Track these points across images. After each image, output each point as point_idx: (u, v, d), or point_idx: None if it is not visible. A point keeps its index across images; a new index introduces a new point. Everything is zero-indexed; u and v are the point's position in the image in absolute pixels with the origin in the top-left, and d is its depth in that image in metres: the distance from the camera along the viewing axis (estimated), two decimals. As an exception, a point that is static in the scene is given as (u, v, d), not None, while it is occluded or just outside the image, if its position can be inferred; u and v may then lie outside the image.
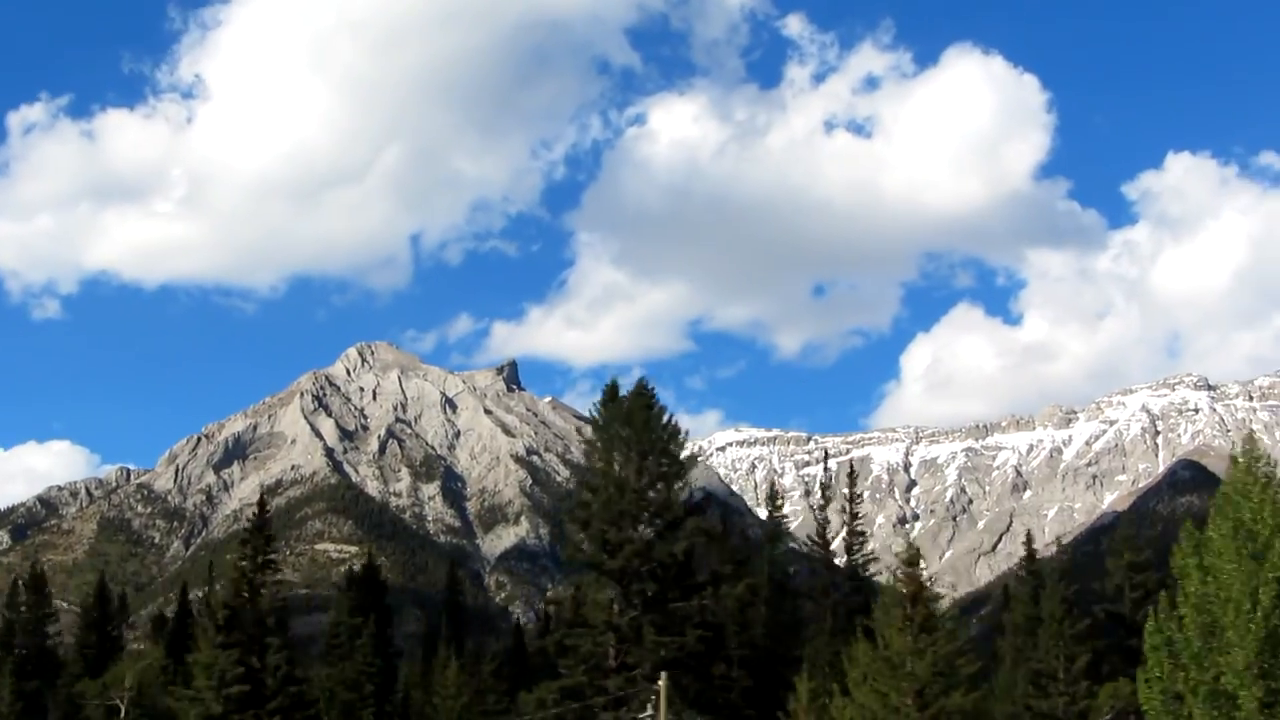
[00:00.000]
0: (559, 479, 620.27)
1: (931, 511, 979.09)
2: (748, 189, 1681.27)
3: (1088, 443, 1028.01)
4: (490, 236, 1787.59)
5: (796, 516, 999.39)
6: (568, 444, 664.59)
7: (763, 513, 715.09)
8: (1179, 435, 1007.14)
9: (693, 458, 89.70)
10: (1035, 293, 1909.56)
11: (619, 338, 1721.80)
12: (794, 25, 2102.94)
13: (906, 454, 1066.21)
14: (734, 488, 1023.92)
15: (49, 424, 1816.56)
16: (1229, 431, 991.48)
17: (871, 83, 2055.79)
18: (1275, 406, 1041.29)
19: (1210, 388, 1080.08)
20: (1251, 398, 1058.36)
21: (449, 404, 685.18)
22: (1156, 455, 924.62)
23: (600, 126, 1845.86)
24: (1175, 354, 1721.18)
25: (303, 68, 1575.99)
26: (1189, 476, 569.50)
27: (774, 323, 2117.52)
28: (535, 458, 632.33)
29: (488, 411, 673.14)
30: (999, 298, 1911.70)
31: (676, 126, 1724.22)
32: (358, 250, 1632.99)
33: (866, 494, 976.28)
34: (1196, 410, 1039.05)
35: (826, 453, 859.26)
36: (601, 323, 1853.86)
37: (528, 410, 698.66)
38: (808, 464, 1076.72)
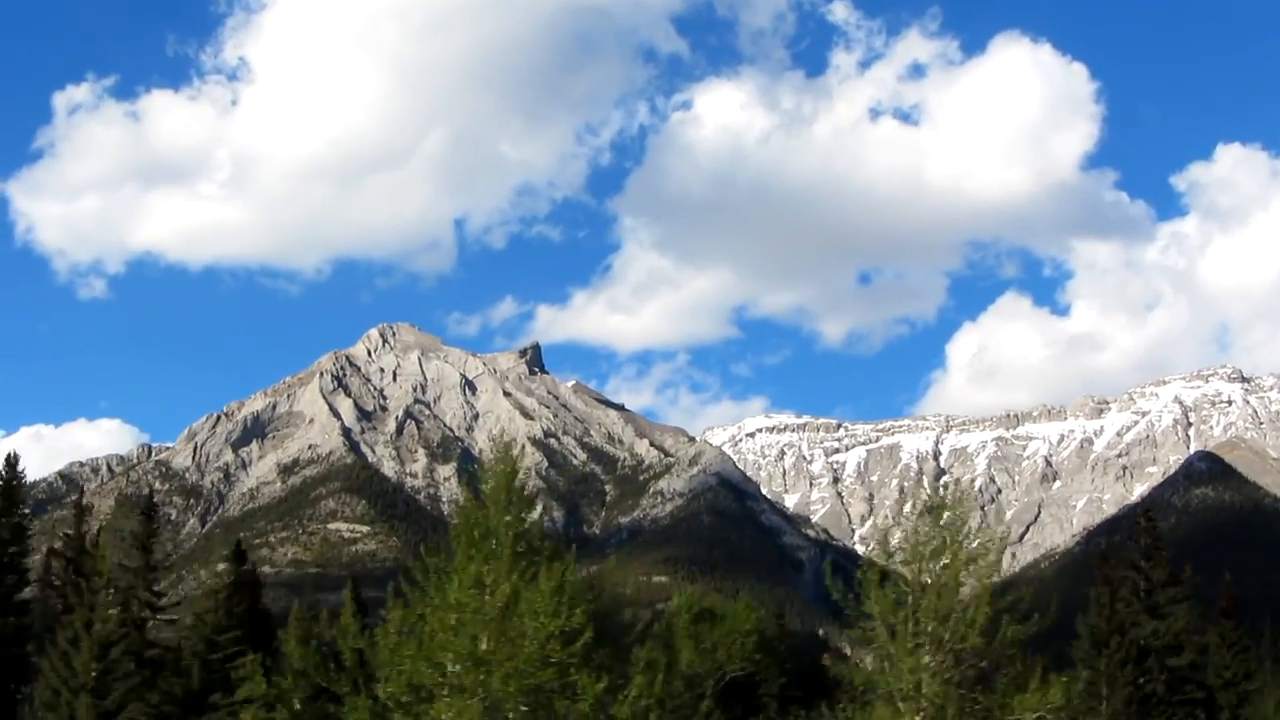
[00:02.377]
0: (576, 462, 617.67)
1: (959, 501, 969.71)
2: (792, 176, 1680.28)
3: (1119, 434, 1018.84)
4: (535, 221, 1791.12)
5: (824, 503, 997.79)
6: (587, 427, 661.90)
7: (789, 500, 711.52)
8: (1211, 427, 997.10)
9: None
10: (1083, 283, 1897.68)
11: (663, 323, 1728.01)
12: (840, 11, 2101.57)
13: (937, 442, 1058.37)
14: (763, 473, 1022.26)
15: (96, 402, 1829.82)
16: (1261, 424, 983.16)
17: (918, 70, 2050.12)
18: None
19: (1245, 380, 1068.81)
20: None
21: (469, 386, 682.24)
22: (1188, 447, 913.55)
23: (647, 112, 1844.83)
24: (1224, 346, 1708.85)
25: (347, 52, 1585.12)
26: (1205, 469, 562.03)
27: (819, 310, 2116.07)
28: (553, 440, 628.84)
29: (507, 394, 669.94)
30: (1046, 288, 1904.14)
31: (722, 113, 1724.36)
32: (402, 234, 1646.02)
33: (894, 482, 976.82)
34: (1230, 402, 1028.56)
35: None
36: (646, 308, 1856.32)
37: (549, 393, 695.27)
38: (837, 450, 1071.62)
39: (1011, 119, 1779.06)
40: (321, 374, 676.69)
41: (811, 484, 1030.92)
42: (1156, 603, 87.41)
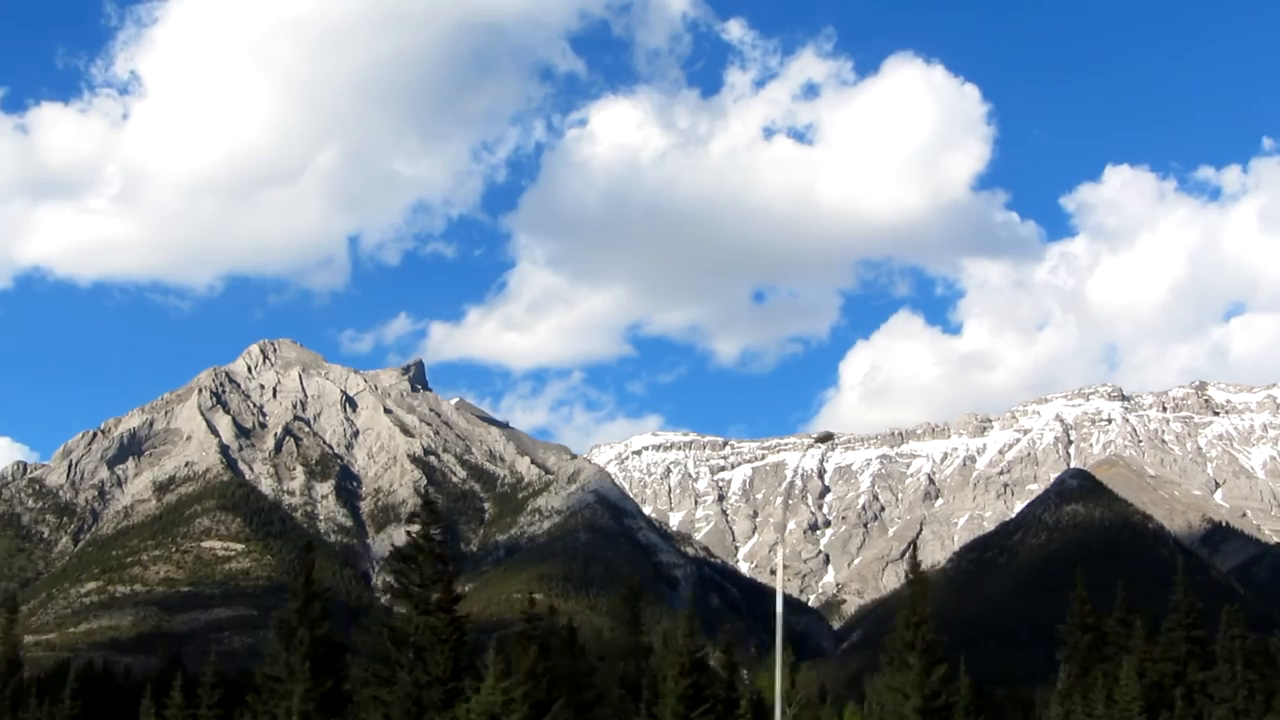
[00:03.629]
0: (455, 479, 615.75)
1: (843, 518, 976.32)
2: (687, 194, 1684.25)
3: (1001, 451, 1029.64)
4: (430, 239, 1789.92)
5: (709, 521, 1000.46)
6: (469, 445, 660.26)
7: (675, 518, 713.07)
8: (1091, 445, 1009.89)
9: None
10: (974, 302, 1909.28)
11: (557, 341, 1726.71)
12: (735, 31, 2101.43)
13: (822, 460, 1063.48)
14: (649, 491, 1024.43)
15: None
16: (1140, 443, 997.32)
17: (812, 90, 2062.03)
18: (1187, 418, 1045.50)
19: (1125, 399, 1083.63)
20: (1165, 409, 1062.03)
21: (349, 403, 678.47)
22: (1068, 464, 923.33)
23: (543, 130, 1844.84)
24: (1113, 365, 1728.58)
25: (240, 67, 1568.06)
26: (1076, 486, 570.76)
27: (713, 328, 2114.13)
28: (433, 458, 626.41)
29: (388, 411, 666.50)
30: (938, 307, 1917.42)
31: (618, 131, 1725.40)
32: (295, 250, 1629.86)
33: (779, 499, 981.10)
34: (1110, 421, 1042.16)
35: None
36: (540, 326, 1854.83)
37: (430, 411, 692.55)
38: (723, 468, 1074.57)
39: (904, 139, 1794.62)
40: (200, 390, 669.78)
41: (697, 502, 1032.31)
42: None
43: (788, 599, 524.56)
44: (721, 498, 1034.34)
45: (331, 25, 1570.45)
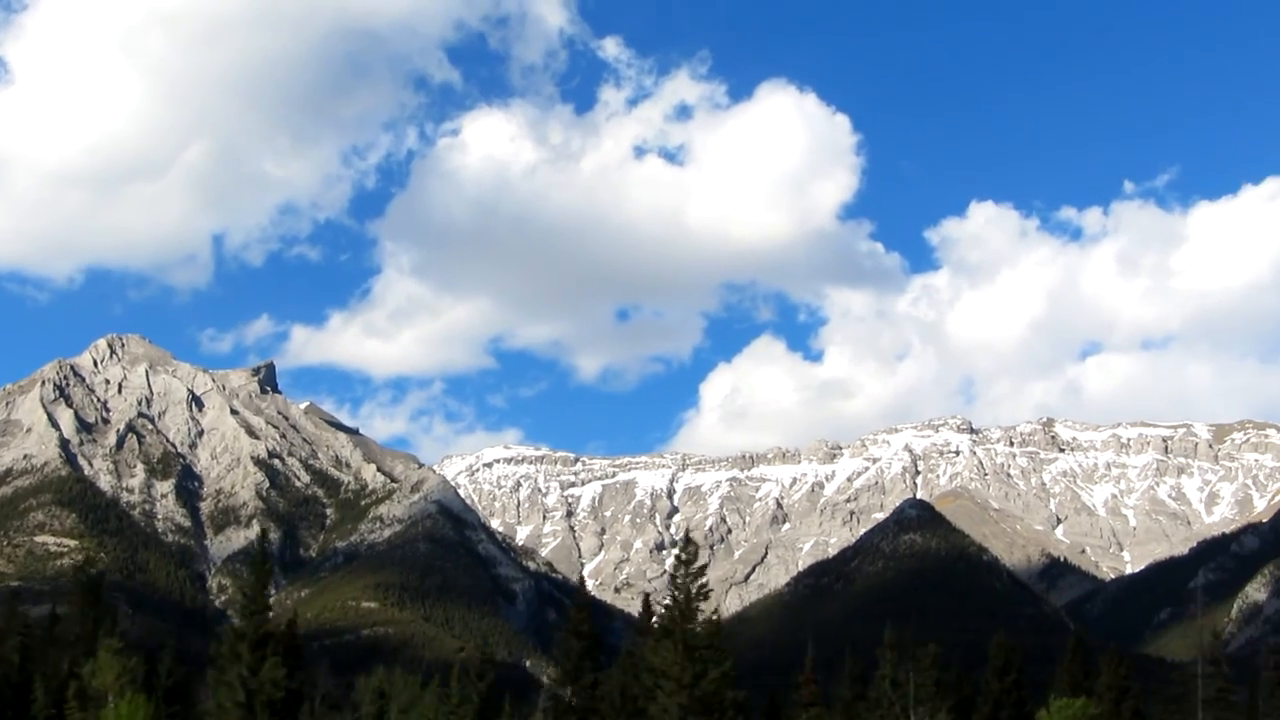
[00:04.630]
0: (299, 484, 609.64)
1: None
2: (556, 209, 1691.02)
3: (849, 479, 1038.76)
4: (296, 241, 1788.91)
5: (556, 536, 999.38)
6: (315, 449, 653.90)
7: (522, 532, 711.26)
8: (938, 476, 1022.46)
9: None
10: (836, 330, 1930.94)
11: (419, 350, 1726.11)
12: (611, 49, 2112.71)
13: (672, 480, 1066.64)
14: (498, 504, 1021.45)
15: None
16: (986, 476, 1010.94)
17: (685, 111, 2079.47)
18: (1033, 453, 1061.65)
19: (973, 431, 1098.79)
20: (1012, 443, 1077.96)
21: (195, 402, 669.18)
22: (915, 494, 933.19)
23: (415, 138, 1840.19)
24: (970, 399, 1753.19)
25: (110, 58, 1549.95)
26: (915, 516, 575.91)
27: (576, 345, 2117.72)
28: (277, 461, 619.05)
29: (234, 412, 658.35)
30: (800, 333, 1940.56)
31: (490, 143, 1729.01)
32: (158, 246, 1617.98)
33: (628, 518, 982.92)
34: (957, 453, 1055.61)
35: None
36: (403, 334, 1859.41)
37: (278, 413, 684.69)
38: (573, 484, 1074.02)
39: (774, 165, 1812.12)
40: (44, 383, 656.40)
41: (545, 517, 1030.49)
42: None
43: (626, 618, 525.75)
44: (570, 514, 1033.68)
45: (205, 21, 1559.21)
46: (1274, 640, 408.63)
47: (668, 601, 78.47)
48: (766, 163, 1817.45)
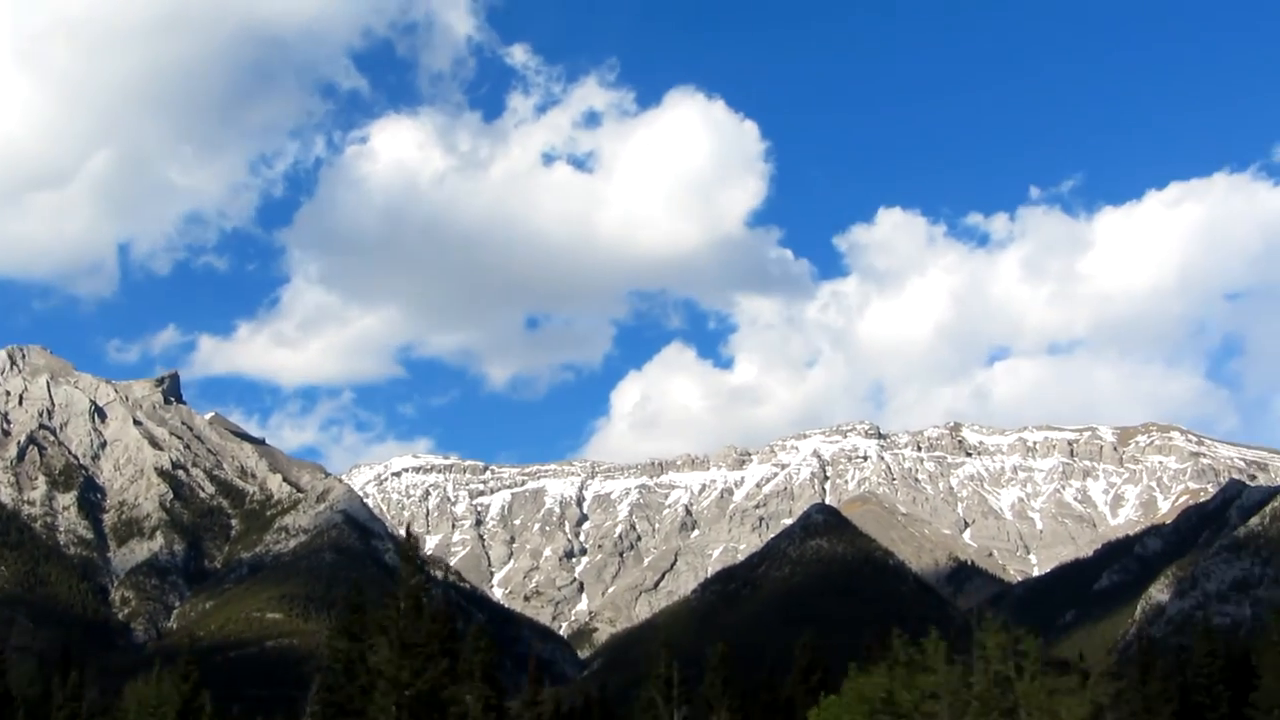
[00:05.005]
0: (203, 495, 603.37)
1: (600, 546, 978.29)
2: (465, 217, 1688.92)
3: (758, 485, 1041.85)
4: (203, 250, 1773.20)
5: (466, 545, 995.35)
6: (220, 460, 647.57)
7: (432, 541, 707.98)
8: (846, 481, 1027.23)
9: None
10: (746, 337, 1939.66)
11: (328, 360, 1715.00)
12: (519, 55, 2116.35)
13: (581, 488, 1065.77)
14: (407, 513, 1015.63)
15: None
16: (894, 481, 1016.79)
17: (594, 118, 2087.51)
18: (941, 458, 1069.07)
19: (881, 437, 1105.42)
20: (919, 447, 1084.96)
21: (98, 413, 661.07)
22: (824, 500, 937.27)
23: (323, 146, 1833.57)
24: (879, 405, 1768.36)
25: (9, 65, 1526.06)
26: (822, 521, 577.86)
27: (485, 353, 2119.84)
28: (181, 472, 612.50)
29: (138, 423, 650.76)
30: (710, 340, 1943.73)
31: (398, 151, 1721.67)
32: (62, 255, 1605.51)
33: (537, 526, 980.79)
34: (865, 458, 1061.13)
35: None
36: (311, 344, 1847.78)
37: (182, 424, 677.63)
38: (482, 493, 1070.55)
39: (682, 172, 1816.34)
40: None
41: (454, 525, 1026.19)
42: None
43: (535, 626, 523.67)
44: (479, 522, 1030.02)
45: (109, 28, 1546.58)
46: (1175, 641, 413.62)
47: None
48: (675, 170, 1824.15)
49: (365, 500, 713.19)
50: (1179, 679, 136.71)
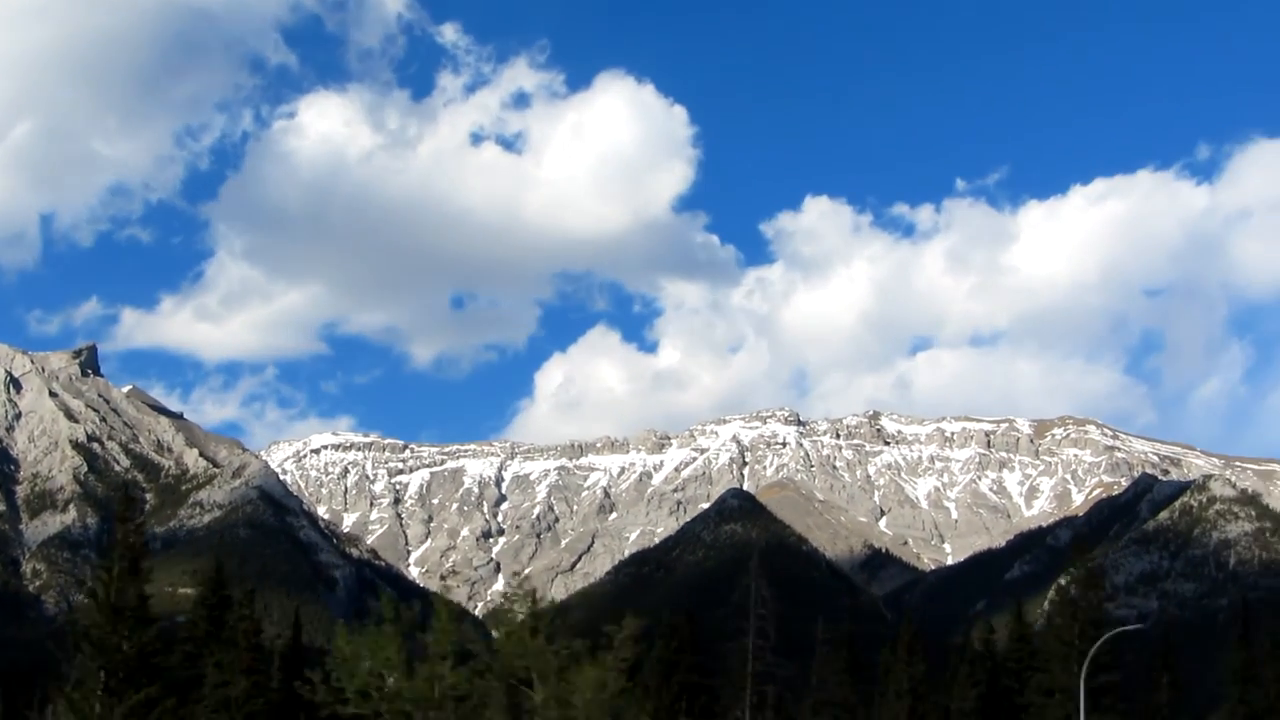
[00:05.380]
0: (118, 468, 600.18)
1: (517, 527, 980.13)
2: (392, 195, 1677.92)
3: (677, 469, 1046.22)
4: (127, 222, 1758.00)
5: (383, 524, 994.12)
6: (136, 434, 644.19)
7: (349, 519, 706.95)
8: (765, 467, 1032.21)
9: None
10: (670, 322, 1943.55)
11: (251, 335, 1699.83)
12: (450, 34, 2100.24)
13: (500, 469, 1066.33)
14: (325, 490, 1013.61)
15: None
16: (812, 467, 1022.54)
17: (523, 99, 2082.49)
18: (859, 446, 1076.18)
19: (800, 423, 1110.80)
20: (838, 435, 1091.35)
21: (13, 383, 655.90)
22: (742, 485, 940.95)
23: (250, 120, 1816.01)
24: (803, 392, 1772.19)
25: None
26: (736, 506, 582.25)
27: (410, 332, 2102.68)
28: (96, 445, 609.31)
29: (53, 394, 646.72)
30: (635, 324, 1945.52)
31: (326, 127, 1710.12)
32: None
33: (455, 506, 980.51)
34: (784, 444, 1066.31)
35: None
36: (235, 318, 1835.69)
37: (99, 396, 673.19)
38: (401, 471, 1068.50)
39: (610, 155, 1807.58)
40: None
41: (372, 504, 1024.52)
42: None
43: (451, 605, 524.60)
44: (398, 501, 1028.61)
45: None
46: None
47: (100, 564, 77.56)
48: (603, 153, 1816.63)
49: (284, 477, 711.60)
50: (988, 663, 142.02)
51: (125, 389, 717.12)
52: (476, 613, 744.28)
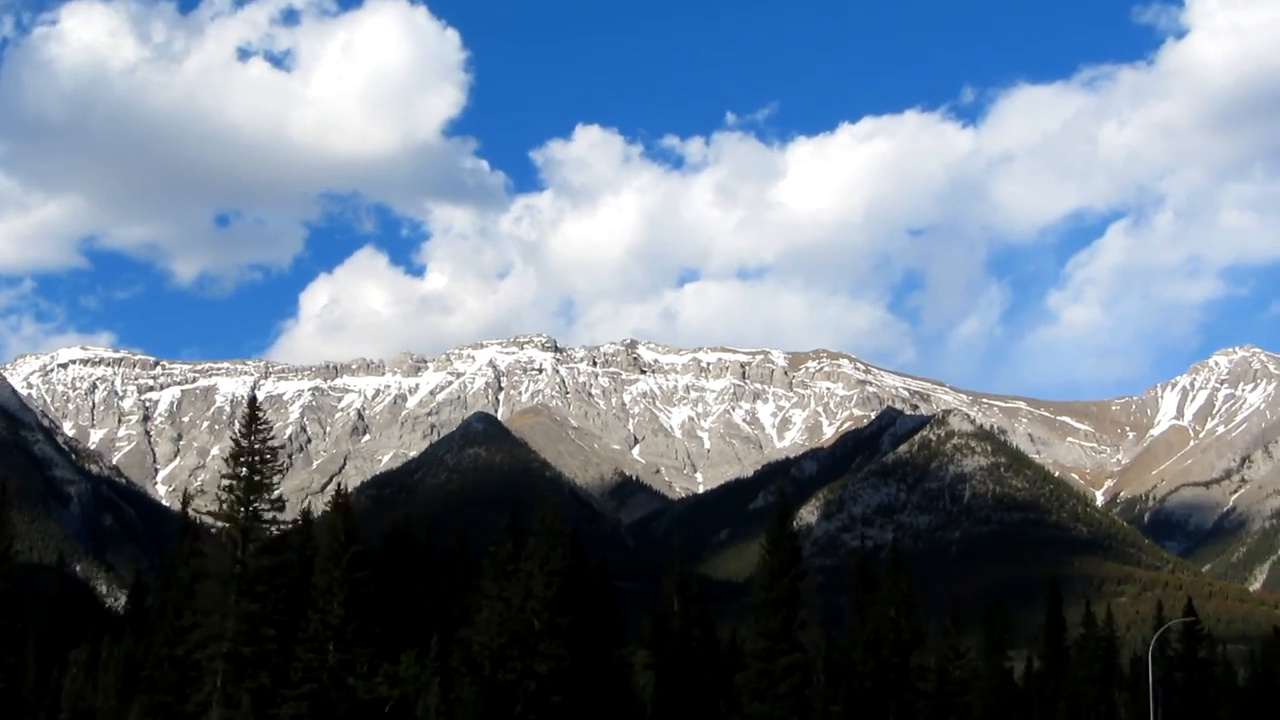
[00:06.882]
0: None
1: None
2: (155, 109, 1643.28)
3: (432, 392, 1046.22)
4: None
5: (131, 441, 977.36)
6: None
7: (95, 435, 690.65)
8: (520, 393, 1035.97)
9: None
10: (438, 246, 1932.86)
11: (7, 246, 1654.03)
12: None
13: (254, 388, 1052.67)
14: (72, 406, 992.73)
15: None
16: (567, 394, 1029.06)
17: (293, 16, 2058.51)
18: (616, 374, 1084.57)
19: (558, 350, 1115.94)
20: (595, 363, 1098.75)
21: None
22: (497, 410, 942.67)
23: (11, 26, 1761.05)
24: (570, 320, 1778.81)
25: None
26: (481, 430, 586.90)
27: (172, 248, 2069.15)
28: None
29: None
30: (402, 247, 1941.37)
31: (89, 37, 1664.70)
32: None
33: (206, 425, 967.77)
34: (541, 370, 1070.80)
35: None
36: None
37: None
38: (151, 388, 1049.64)
39: (380, 77, 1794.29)
40: None
41: (120, 420, 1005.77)
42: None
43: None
44: (147, 418, 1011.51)
45: None
46: (820, 561, 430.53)
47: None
48: (373, 74, 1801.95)
49: (28, 391, 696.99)
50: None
51: None
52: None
